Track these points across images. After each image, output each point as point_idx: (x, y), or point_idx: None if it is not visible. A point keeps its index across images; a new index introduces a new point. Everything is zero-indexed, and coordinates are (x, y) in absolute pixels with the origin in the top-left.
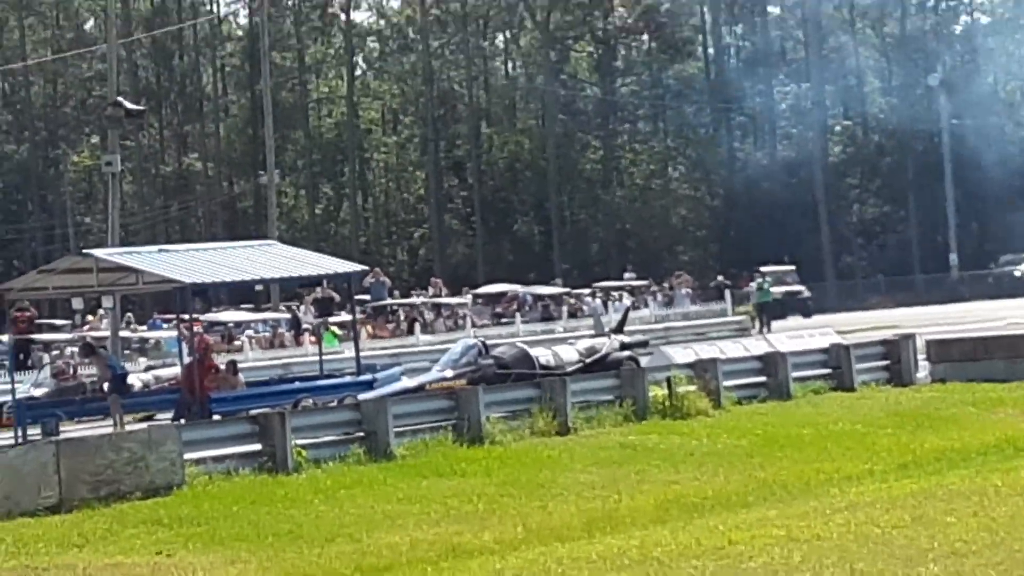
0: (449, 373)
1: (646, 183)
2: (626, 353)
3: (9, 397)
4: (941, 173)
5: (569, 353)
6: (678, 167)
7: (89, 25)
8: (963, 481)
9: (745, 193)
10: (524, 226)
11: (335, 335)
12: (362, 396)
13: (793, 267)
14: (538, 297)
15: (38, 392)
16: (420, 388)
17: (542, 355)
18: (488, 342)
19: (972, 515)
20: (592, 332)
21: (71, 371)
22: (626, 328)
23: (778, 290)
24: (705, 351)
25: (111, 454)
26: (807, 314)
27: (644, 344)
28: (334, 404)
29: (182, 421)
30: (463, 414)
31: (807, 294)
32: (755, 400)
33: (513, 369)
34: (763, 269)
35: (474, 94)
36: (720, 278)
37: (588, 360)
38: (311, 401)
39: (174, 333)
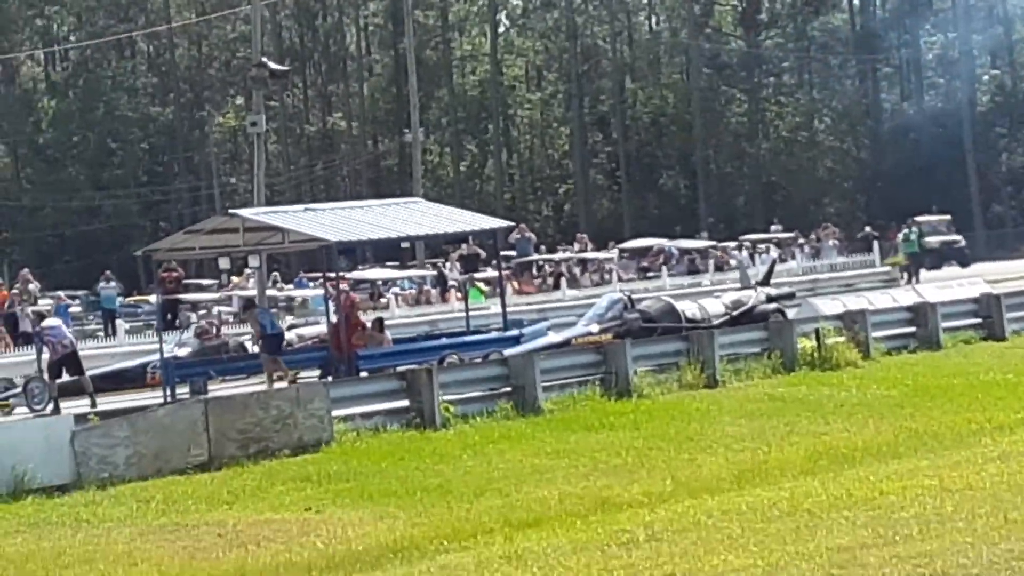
0: (595, 328)
1: (792, 135)
2: (773, 305)
3: (155, 357)
4: None
5: (715, 306)
6: (824, 119)
7: None
8: None
9: (892, 144)
10: (669, 180)
11: (481, 291)
12: (509, 351)
13: (948, 216)
14: (684, 251)
15: (181, 352)
16: (566, 343)
17: (688, 308)
18: (634, 296)
19: None
20: (738, 285)
21: (214, 331)
22: (773, 280)
23: (934, 239)
24: (853, 302)
25: (259, 412)
26: (964, 263)
27: (791, 296)
28: (480, 360)
29: (329, 379)
30: (611, 368)
31: (963, 243)
32: (904, 351)
33: (659, 323)
34: (918, 219)
35: (618, 49)
36: (868, 229)
37: (734, 313)
38: (456, 357)
39: (320, 291)
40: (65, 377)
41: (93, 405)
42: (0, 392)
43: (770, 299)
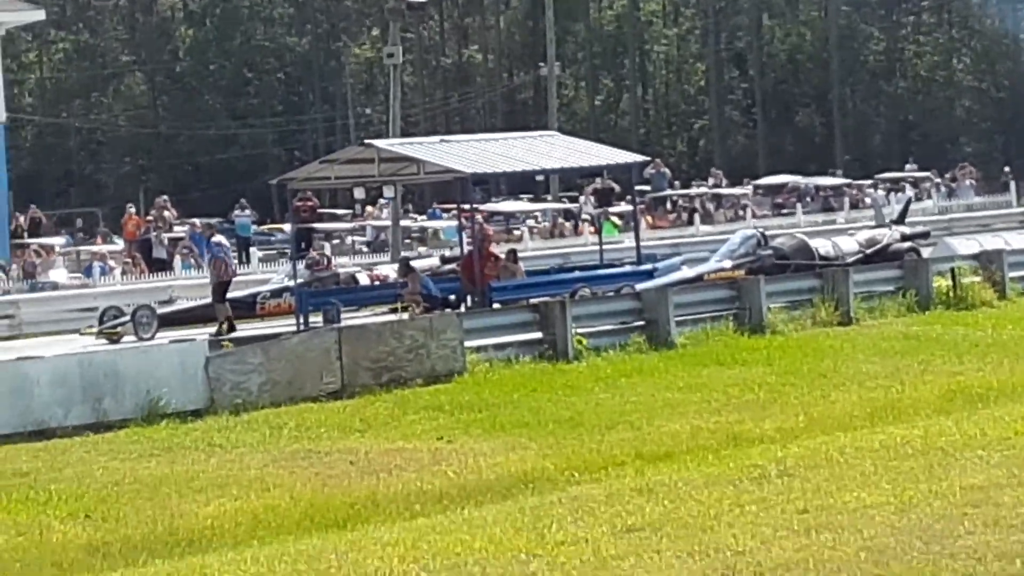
0: (727, 263)
1: (930, 74)
2: (907, 244)
3: (265, 287)
4: None
5: (849, 244)
6: (963, 58)
7: None
8: None
9: None
10: (805, 117)
11: (615, 225)
12: (641, 285)
13: None
14: (819, 188)
15: (291, 283)
16: (699, 278)
17: (821, 246)
18: (768, 233)
19: None
20: (872, 223)
21: (325, 262)
22: (908, 219)
23: None
24: (990, 242)
25: (393, 341)
26: None
27: (925, 235)
28: (611, 293)
29: (462, 309)
30: (744, 303)
31: None
32: None
33: (792, 260)
34: None
35: None
36: (1007, 170)
37: (868, 251)
38: (588, 291)
39: (453, 223)
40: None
41: (230, 331)
42: (109, 319)
43: (904, 238)
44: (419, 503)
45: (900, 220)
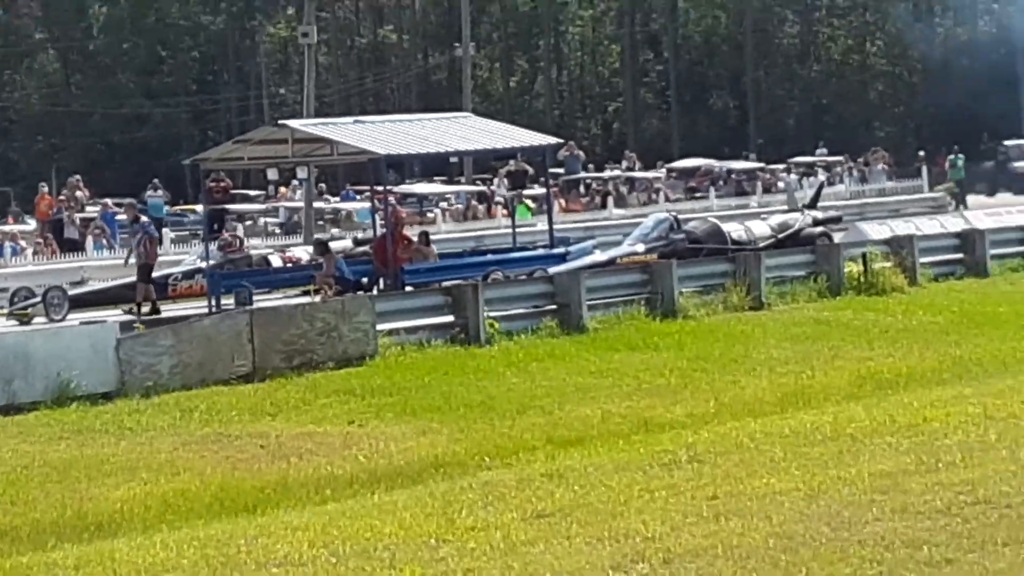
0: (640, 247)
1: (843, 58)
2: (819, 229)
3: (176, 269)
4: None
5: (761, 228)
6: (876, 42)
7: None
8: None
9: (944, 69)
10: (719, 100)
11: (528, 208)
12: (553, 269)
13: None
14: (732, 172)
15: (203, 264)
16: (611, 262)
17: (734, 230)
18: (681, 217)
19: None
20: (785, 207)
21: (238, 243)
22: (820, 204)
23: (1021, 164)
24: (901, 227)
25: (305, 324)
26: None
27: (838, 220)
28: (524, 277)
29: (375, 292)
30: (656, 288)
31: None
32: (951, 277)
33: (705, 244)
34: (1007, 143)
35: None
36: (921, 154)
37: (780, 235)
38: (500, 274)
39: (366, 204)
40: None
41: (152, 312)
42: (21, 300)
43: (816, 222)
44: (329, 487)
45: (812, 205)
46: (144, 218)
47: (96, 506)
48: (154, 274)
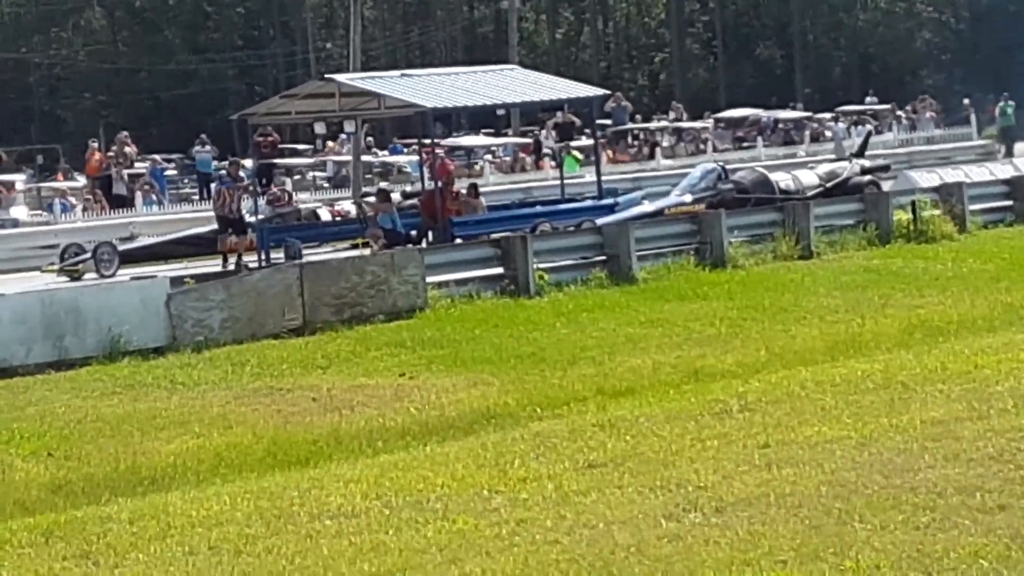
0: (688, 198)
1: (890, 6)
2: (867, 177)
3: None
4: None
5: (809, 177)
6: None
7: None
8: None
9: (990, 15)
10: (766, 50)
11: (576, 160)
12: (601, 220)
13: None
14: (779, 121)
15: (253, 219)
16: (659, 213)
17: (782, 179)
18: (729, 167)
19: None
20: (833, 156)
21: (286, 197)
22: (868, 152)
23: None
24: (950, 175)
25: (355, 277)
26: None
27: (886, 168)
28: (572, 228)
29: (424, 244)
30: (706, 238)
31: None
32: (1001, 224)
33: (752, 193)
34: None
35: None
36: (966, 102)
37: (828, 184)
38: (548, 226)
39: (413, 157)
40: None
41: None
42: (70, 257)
43: (864, 171)
44: (381, 439)
45: (860, 153)
46: (241, 172)
47: (149, 460)
48: (204, 229)
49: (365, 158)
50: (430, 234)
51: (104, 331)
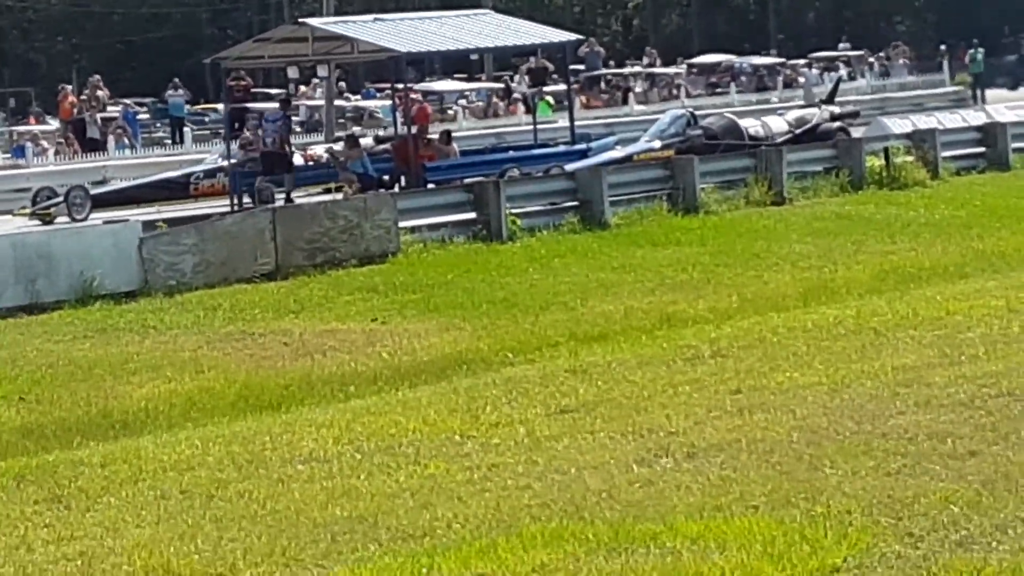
0: (657, 144)
1: None
2: (837, 124)
3: (198, 168)
4: None
5: (778, 123)
6: None
7: None
8: None
9: None
10: None
11: (549, 105)
12: (570, 166)
13: None
14: (753, 67)
15: (225, 163)
16: (628, 158)
17: (751, 126)
18: (700, 112)
19: None
20: (802, 103)
21: (259, 142)
22: (838, 99)
23: None
24: (923, 121)
25: (327, 222)
26: None
27: (855, 115)
28: (540, 174)
29: (396, 189)
30: (678, 183)
31: None
32: (973, 171)
33: (721, 140)
34: None
35: None
36: (942, 48)
37: (797, 131)
38: (516, 171)
39: (386, 102)
40: None
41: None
42: (42, 200)
43: (834, 117)
44: (353, 384)
45: (830, 100)
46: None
47: (121, 404)
48: (176, 173)
49: (338, 103)
50: (402, 179)
51: (76, 275)
